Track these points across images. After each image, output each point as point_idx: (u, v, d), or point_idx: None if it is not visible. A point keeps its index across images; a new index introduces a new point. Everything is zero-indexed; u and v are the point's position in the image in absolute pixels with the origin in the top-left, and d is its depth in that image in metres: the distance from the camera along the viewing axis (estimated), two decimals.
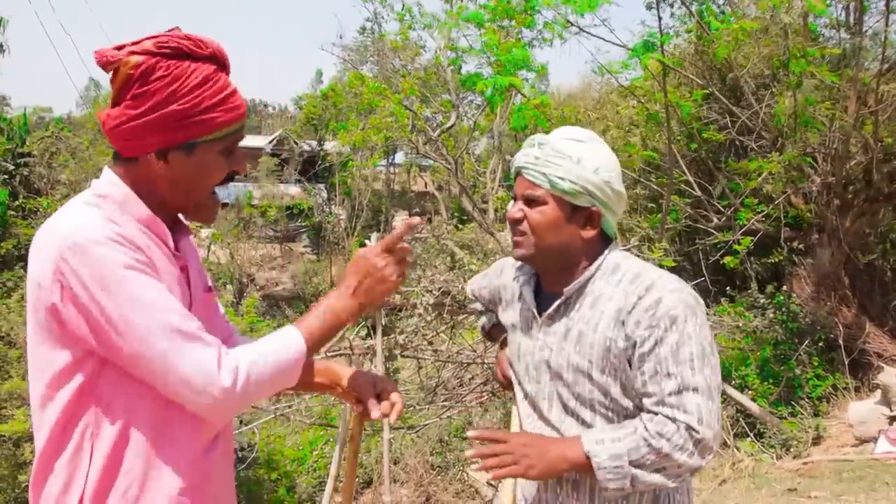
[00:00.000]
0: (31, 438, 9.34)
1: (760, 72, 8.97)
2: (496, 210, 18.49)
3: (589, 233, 1.83)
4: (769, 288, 8.47)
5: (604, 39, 12.69)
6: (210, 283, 1.83)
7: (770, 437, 6.72)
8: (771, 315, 8.20)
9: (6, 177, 23.76)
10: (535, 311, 1.92)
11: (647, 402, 1.72)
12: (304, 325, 1.62)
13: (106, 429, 1.51)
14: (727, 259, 8.13)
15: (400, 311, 5.54)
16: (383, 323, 5.06)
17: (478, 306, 2.39)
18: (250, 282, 28.63)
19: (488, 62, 12.43)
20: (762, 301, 8.41)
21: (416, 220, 1.77)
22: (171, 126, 1.51)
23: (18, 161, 24.14)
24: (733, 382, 7.80)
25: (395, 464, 9.08)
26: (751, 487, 5.10)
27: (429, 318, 5.21)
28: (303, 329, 1.61)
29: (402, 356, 6.06)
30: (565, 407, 1.84)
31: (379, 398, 1.91)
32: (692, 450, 1.66)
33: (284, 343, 1.58)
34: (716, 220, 8.88)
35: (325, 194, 33.34)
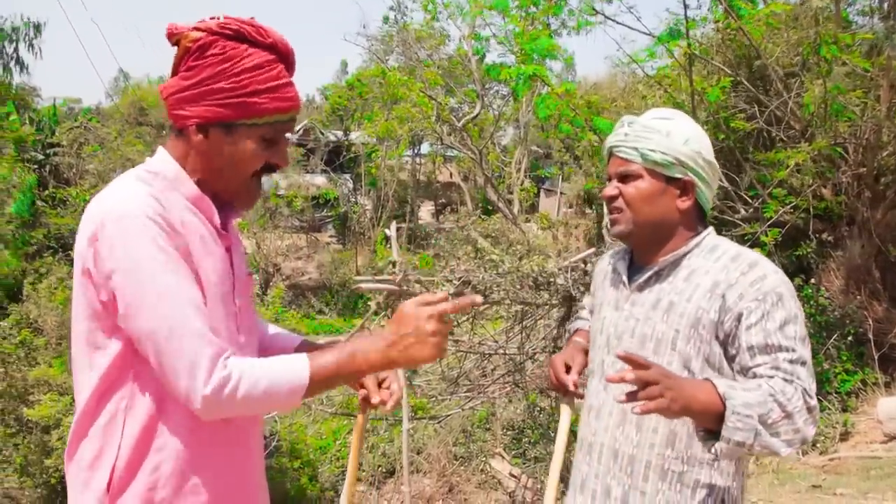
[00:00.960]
0: (58, 425, 9.50)
1: (789, 60, 8.79)
2: (521, 201, 18.41)
3: (685, 203, 1.86)
4: (797, 281, 8.32)
5: (629, 27, 12.52)
6: (248, 266, 1.84)
7: None
8: None
9: (36, 166, 24.10)
10: (626, 280, 1.94)
11: (760, 368, 1.70)
12: (318, 360, 1.54)
13: (140, 402, 1.54)
14: (756, 251, 7.99)
15: None
16: None
17: (584, 314, 2.36)
18: (276, 271, 28.81)
19: (512, 51, 12.35)
20: None
21: (479, 298, 1.68)
22: (216, 101, 1.54)
23: (48, 151, 24.47)
24: None
25: (417, 454, 9.10)
26: (774, 483, 5.01)
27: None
28: (314, 364, 1.53)
29: None
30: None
31: (380, 386, 1.91)
32: (807, 416, 1.66)
33: (288, 372, 1.52)
34: (743, 211, 8.74)
35: (350, 184, 33.43)
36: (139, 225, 1.46)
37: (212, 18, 1.57)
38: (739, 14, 7.79)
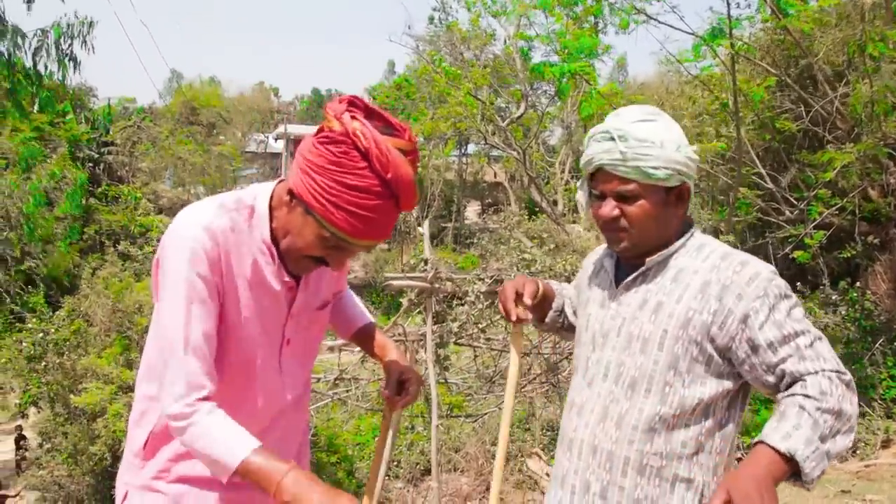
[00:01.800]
0: (104, 413, 9.76)
1: (835, 59, 8.62)
2: (566, 202, 18.33)
3: (681, 209, 1.86)
4: (842, 284, 8.16)
5: (672, 27, 12.37)
6: (326, 300, 1.95)
7: None
8: (843, 312, 7.90)
9: (90, 164, 24.76)
10: (613, 279, 1.94)
11: (787, 363, 1.70)
12: (254, 458, 1.59)
13: None
14: (798, 253, 7.86)
15: (454, 299, 5.54)
16: (436, 309, 5.08)
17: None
18: None
19: (555, 51, 12.32)
20: (834, 298, 8.11)
21: None
22: (309, 186, 1.61)
23: (102, 150, 25.13)
24: None
25: (455, 452, 9.13)
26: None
27: (480, 306, 5.20)
28: (249, 460, 1.58)
29: (457, 344, 6.06)
30: (619, 377, 1.84)
31: (401, 385, 2.01)
32: (849, 395, 1.66)
33: (226, 450, 1.59)
34: (787, 213, 8.60)
35: None
36: (181, 252, 1.64)
37: (362, 112, 1.62)
38: (786, 13, 7.66)
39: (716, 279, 1.77)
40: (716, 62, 8.68)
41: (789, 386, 1.70)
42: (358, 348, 2.61)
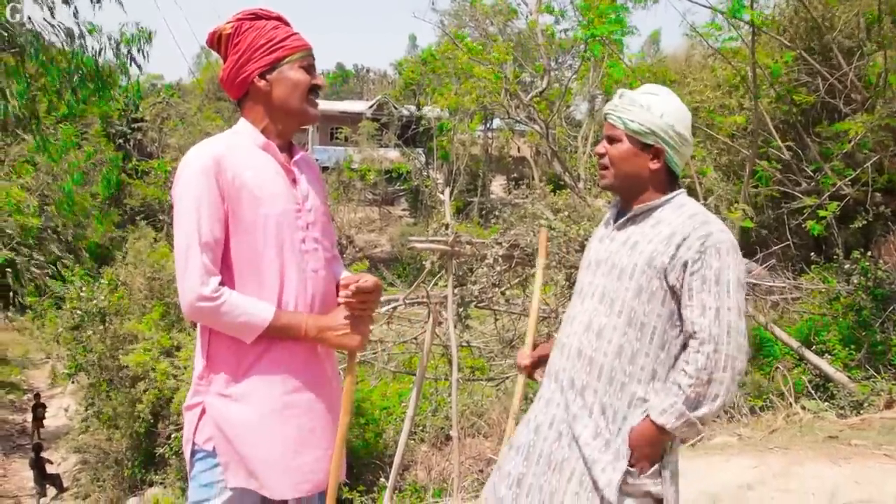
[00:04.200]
0: (145, 376, 10.19)
1: (852, 32, 8.73)
2: (589, 176, 18.40)
3: (655, 165, 2.28)
4: (854, 254, 8.33)
5: (693, 1, 12.39)
6: (326, 198, 2.43)
7: (840, 399, 6.73)
8: (856, 281, 8.08)
9: (121, 140, 25.31)
10: (612, 221, 2.40)
11: (688, 313, 2.17)
12: (283, 315, 2.12)
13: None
14: (811, 224, 8.05)
15: (476, 262, 5.84)
16: (456, 273, 5.38)
17: None
18: (349, 244, 29.51)
19: (580, 24, 12.42)
20: (847, 267, 8.28)
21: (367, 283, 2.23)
22: (261, 55, 2.18)
23: (132, 126, 25.65)
24: (813, 348, 7.79)
25: (479, 417, 9.42)
26: (796, 435, 5.21)
27: (498, 269, 5.50)
28: (280, 316, 2.11)
29: (477, 307, 6.37)
30: (603, 297, 2.28)
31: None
32: (720, 373, 2.11)
33: (260, 312, 2.09)
34: (804, 184, 8.77)
35: (423, 158, 33.80)
36: (188, 175, 2.11)
37: (226, 22, 2.25)
38: None
39: (680, 231, 2.20)
40: (736, 36, 8.81)
41: (689, 336, 2.17)
42: (384, 309, 3.04)
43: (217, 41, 2.27)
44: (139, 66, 11.25)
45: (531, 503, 2.32)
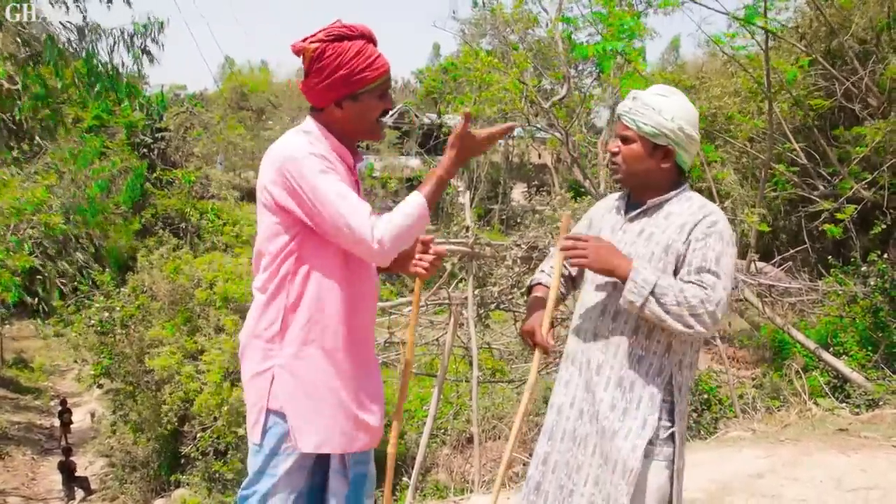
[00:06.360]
0: (171, 379, 10.36)
1: (865, 36, 8.78)
2: (609, 182, 18.43)
3: (665, 164, 2.45)
4: (871, 256, 8.37)
5: (708, 7, 12.47)
6: None
7: (857, 398, 6.79)
8: (872, 283, 8.12)
9: (145, 150, 25.62)
10: (623, 213, 2.55)
11: (690, 275, 2.32)
12: (422, 187, 2.34)
13: (298, 276, 2.32)
14: (827, 227, 8.10)
15: (495, 264, 5.98)
16: (476, 274, 5.52)
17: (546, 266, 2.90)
18: None
19: (598, 32, 12.53)
20: (864, 269, 8.32)
21: (514, 123, 2.54)
22: (340, 85, 2.32)
23: (156, 136, 25.96)
24: (831, 350, 7.86)
25: (499, 420, 9.51)
26: (808, 429, 5.29)
27: (517, 270, 5.64)
28: (422, 190, 2.33)
29: (498, 309, 6.50)
30: (617, 284, 2.39)
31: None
32: (701, 315, 2.24)
33: (410, 203, 2.29)
34: (822, 187, 8.83)
35: None
36: (307, 160, 2.25)
37: (313, 36, 2.34)
38: None
39: (690, 221, 2.40)
40: (750, 42, 8.90)
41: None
42: (407, 309, 3.24)
43: (301, 54, 2.37)
44: (152, 58, 11.31)
45: (558, 478, 2.48)
